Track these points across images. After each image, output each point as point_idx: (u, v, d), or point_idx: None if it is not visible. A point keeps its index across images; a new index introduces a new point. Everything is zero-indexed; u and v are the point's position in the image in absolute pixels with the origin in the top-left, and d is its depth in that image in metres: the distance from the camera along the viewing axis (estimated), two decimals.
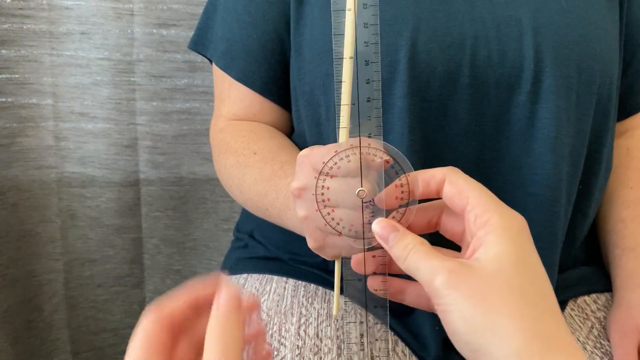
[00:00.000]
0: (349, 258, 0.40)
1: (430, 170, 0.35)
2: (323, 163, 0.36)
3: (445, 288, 0.30)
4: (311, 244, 0.41)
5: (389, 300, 0.55)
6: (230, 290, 0.28)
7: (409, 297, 0.39)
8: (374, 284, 0.39)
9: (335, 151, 0.37)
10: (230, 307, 0.27)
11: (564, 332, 0.29)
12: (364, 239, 0.39)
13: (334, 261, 0.43)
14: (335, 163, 0.37)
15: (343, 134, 0.39)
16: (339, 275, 0.44)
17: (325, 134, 0.54)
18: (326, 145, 0.38)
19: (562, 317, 0.30)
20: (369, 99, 0.38)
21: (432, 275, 0.30)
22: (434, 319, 0.50)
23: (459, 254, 0.36)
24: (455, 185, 0.33)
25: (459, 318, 0.29)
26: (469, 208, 0.32)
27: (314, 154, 0.38)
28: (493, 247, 0.30)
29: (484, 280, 0.29)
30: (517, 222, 0.32)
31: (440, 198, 0.35)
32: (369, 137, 0.37)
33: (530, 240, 0.32)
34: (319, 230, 0.39)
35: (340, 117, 0.39)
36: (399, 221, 0.36)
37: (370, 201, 0.37)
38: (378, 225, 0.35)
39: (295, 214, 0.41)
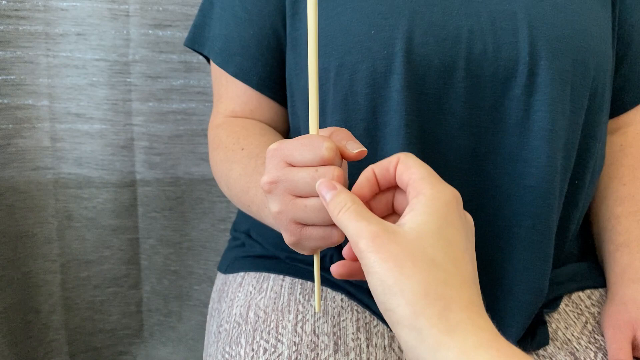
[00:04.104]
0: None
1: (387, 158, 0.37)
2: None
3: (367, 251, 0.32)
4: (288, 238, 0.41)
5: None
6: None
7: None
8: (335, 270, 0.40)
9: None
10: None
11: (471, 295, 0.31)
12: None
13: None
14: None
15: (313, 125, 0.39)
16: (318, 270, 0.43)
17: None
18: (295, 138, 0.38)
19: (475, 284, 0.32)
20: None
21: (357, 237, 0.32)
22: None
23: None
24: (404, 164, 0.36)
25: (377, 280, 0.31)
26: (411, 182, 0.35)
27: (284, 147, 0.38)
28: (419, 216, 0.33)
29: (402, 247, 0.31)
30: (447, 194, 0.34)
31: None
32: None
33: (457, 213, 0.34)
34: (294, 223, 0.39)
35: (310, 110, 0.39)
36: None
37: None
38: (319, 185, 0.36)
39: (270, 211, 0.41)
